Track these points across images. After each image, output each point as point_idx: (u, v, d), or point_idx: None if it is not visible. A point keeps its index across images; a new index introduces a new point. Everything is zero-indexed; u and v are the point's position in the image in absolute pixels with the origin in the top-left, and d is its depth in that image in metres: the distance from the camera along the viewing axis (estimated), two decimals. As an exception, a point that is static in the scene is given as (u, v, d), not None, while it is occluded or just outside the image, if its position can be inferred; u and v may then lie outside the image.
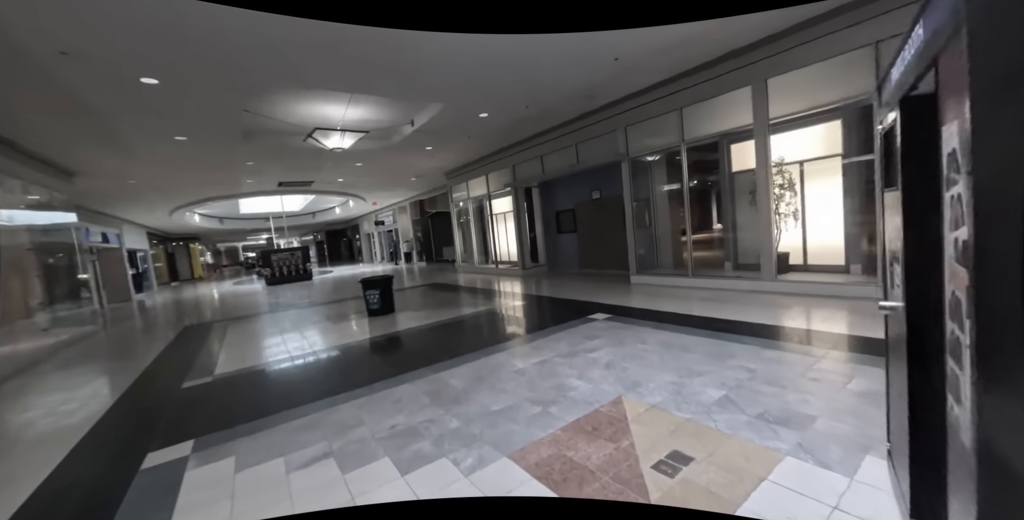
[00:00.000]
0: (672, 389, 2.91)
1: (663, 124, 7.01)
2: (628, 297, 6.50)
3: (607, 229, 9.79)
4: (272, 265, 16.74)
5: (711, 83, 6.17)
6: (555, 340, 4.41)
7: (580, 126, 8.47)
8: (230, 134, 7.10)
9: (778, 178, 6.02)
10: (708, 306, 5.35)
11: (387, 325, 6.17)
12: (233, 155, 8.54)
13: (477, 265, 13.54)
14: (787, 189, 6.08)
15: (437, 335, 5.28)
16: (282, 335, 6.16)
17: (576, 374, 3.37)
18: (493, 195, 12.07)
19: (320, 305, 9.16)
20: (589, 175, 9.72)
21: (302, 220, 27.13)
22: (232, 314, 9.06)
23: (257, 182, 12.14)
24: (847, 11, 4.77)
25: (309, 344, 5.40)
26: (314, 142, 7.22)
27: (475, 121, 7.73)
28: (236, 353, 5.34)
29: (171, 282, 25.30)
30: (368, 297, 6.93)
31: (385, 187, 16.10)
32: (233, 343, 6.00)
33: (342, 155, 9.51)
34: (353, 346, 5.11)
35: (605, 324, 4.90)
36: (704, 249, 7.82)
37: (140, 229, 19.93)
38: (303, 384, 3.89)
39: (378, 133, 8.22)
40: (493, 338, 4.86)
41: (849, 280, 5.50)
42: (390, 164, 11.33)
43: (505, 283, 9.97)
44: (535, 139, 9.68)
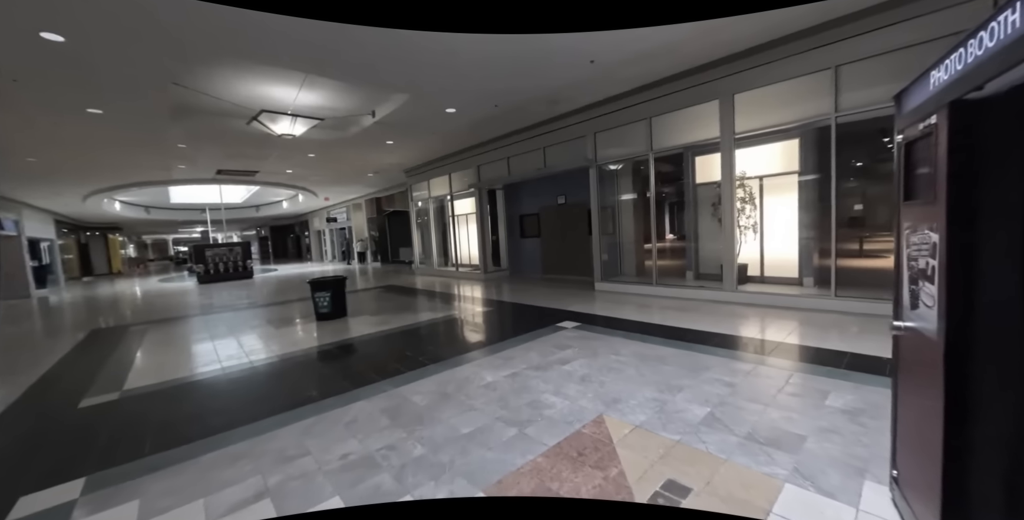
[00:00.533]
0: (655, 406, 2.74)
1: (632, 133, 7.03)
2: (594, 305, 6.40)
3: (571, 235, 9.74)
4: (206, 261, 15.20)
5: (681, 94, 6.25)
6: (525, 350, 4.16)
7: (549, 129, 8.35)
8: (157, 111, 6.23)
9: (739, 191, 6.19)
10: (675, 315, 5.35)
11: (338, 331, 5.62)
12: (161, 136, 7.55)
13: (436, 267, 13.05)
14: (747, 202, 6.27)
15: (396, 343, 4.85)
16: (213, 342, 5.43)
17: (551, 389, 3.13)
18: (456, 195, 11.68)
19: (261, 307, 8.31)
20: (555, 180, 9.63)
21: (244, 213, 25.13)
22: (154, 315, 7.98)
23: (191, 168, 10.93)
24: (811, 35, 4.97)
25: (246, 353, 4.77)
26: (260, 126, 6.52)
27: (441, 116, 7.36)
28: (153, 363, 4.59)
29: (83, 277, 22.37)
30: (317, 300, 6.32)
31: (340, 182, 15.18)
32: (151, 351, 5.20)
33: (292, 144, 8.75)
34: (298, 356, 4.56)
35: (575, 333, 4.72)
36: (666, 258, 7.95)
37: (45, 215, 17.42)
38: (235, 403, 3.35)
39: (334, 122, 7.61)
40: (458, 347, 4.52)
41: (803, 292, 5.73)
42: (346, 157, 10.62)
43: (466, 287, 9.61)
44: (502, 140, 9.45)
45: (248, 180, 13.50)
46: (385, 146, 9.52)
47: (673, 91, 6.31)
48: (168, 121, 6.61)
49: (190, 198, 20.41)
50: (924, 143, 1.44)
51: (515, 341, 4.53)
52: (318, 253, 27.71)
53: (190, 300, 10.21)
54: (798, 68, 5.16)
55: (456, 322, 5.90)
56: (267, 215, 26.73)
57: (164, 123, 6.70)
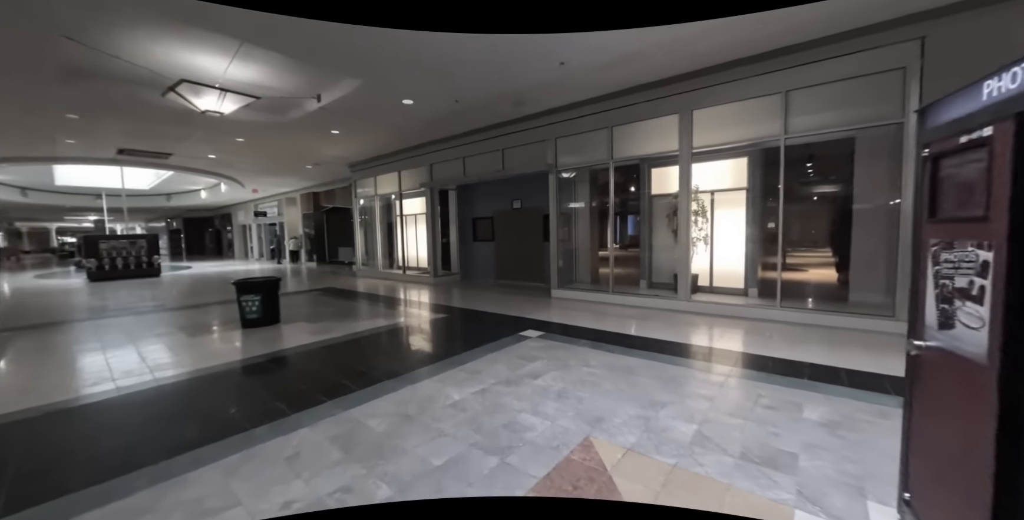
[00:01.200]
0: (640, 424, 2.58)
1: (593, 141, 7.04)
2: (554, 312, 6.25)
3: (526, 240, 9.59)
4: (100, 255, 12.97)
5: (644, 106, 6.35)
6: (491, 362, 3.85)
7: (510, 131, 8.15)
8: (40, 69, 5.08)
9: (693, 204, 6.41)
10: (634, 324, 5.34)
11: (270, 340, 4.90)
12: (44, 101, 6.21)
13: (381, 270, 12.26)
14: (699, 215, 6.51)
15: (341, 355, 4.30)
16: (105, 353, 4.46)
17: (528, 407, 2.86)
18: (405, 194, 11.06)
19: (171, 311, 7.13)
20: (511, 183, 9.45)
21: (151, 202, 22.16)
22: (26, 320, 6.51)
23: (84, 145, 9.23)
24: (765, 59, 5.26)
25: (149, 367, 3.94)
26: (178, 99, 5.57)
27: (397, 108, 6.85)
28: (19, 383, 3.63)
29: (-76, 270, 18.15)
30: (245, 304, 5.50)
31: (273, 172, 13.79)
32: (18, 366, 4.14)
33: (218, 125, 7.70)
34: (220, 372, 3.85)
35: (540, 343, 4.50)
36: (620, 266, 8.05)
37: None
38: (135, 436, 2.67)
39: (271, 103, 6.78)
40: (415, 360, 4.09)
41: (749, 302, 6.02)
42: (283, 145, 9.60)
43: (415, 292, 9.06)
44: (459, 138, 9.09)
45: (159, 163, 11.76)
46: (329, 136, 8.72)
47: (637, 102, 6.39)
48: (54, 83, 5.43)
49: (81, 181, 17.52)
50: (962, 157, 1.39)
51: (478, 352, 4.20)
52: (242, 250, 25.11)
53: (77, 301, 8.55)
54: (753, 90, 5.44)
55: (409, 330, 5.42)
56: (180, 205, 23.76)
57: (49, 86, 5.50)
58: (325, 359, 4.14)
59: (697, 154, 6.03)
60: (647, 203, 7.33)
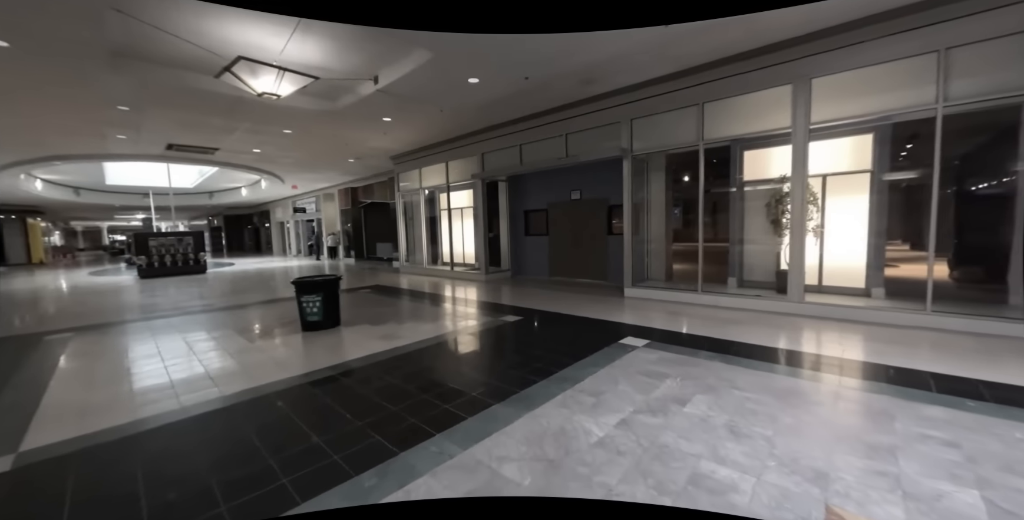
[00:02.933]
0: (890, 486, 1.84)
1: (678, 120, 6.21)
2: (639, 314, 5.50)
3: (586, 234, 8.85)
4: (150, 252, 13.07)
5: (744, 77, 5.47)
6: (609, 380, 3.17)
7: (575, 114, 7.39)
8: (89, 51, 4.70)
9: (801, 190, 5.51)
10: (751, 331, 4.53)
11: (337, 348, 4.39)
12: (95, 90, 5.91)
13: (425, 266, 11.78)
14: (811, 203, 5.60)
15: (424, 367, 3.71)
16: (164, 361, 4.04)
17: (704, 451, 2.16)
18: (452, 187, 10.50)
19: (223, 310, 6.80)
20: (569, 173, 8.72)
21: (194, 200, 22.58)
22: (82, 319, 6.30)
23: (134, 140, 9.08)
24: (911, 12, 4.31)
25: (214, 380, 3.47)
26: (233, 80, 5.11)
27: (460, 88, 6.22)
28: (75, 398, 3.21)
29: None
30: (305, 305, 5.03)
31: (314, 168, 13.54)
32: (73, 376, 3.75)
33: (267, 115, 7.31)
34: (295, 388, 3.32)
35: (652, 354, 3.78)
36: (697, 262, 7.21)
37: (-59, 192, 14.51)
38: (204, 477, 2.13)
39: (327, 86, 6.29)
40: (514, 375, 3.45)
41: (878, 304, 5.10)
42: (329, 136, 9.19)
43: (469, 290, 8.48)
44: (516, 124, 8.40)
45: (205, 159, 11.64)
46: (379, 124, 8.21)
47: (735, 73, 5.52)
48: (105, 68, 5.06)
49: (130, 180, 17.92)
50: None
51: (584, 365, 3.52)
52: (280, 246, 25.42)
53: (130, 299, 8.42)
54: (896, 49, 4.49)
55: (486, 336, 4.80)
56: (221, 203, 24.17)
57: (100, 70, 5.14)
58: (407, 372, 3.56)
59: (816, 130, 5.12)
60: (738, 190, 6.44)
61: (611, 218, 8.47)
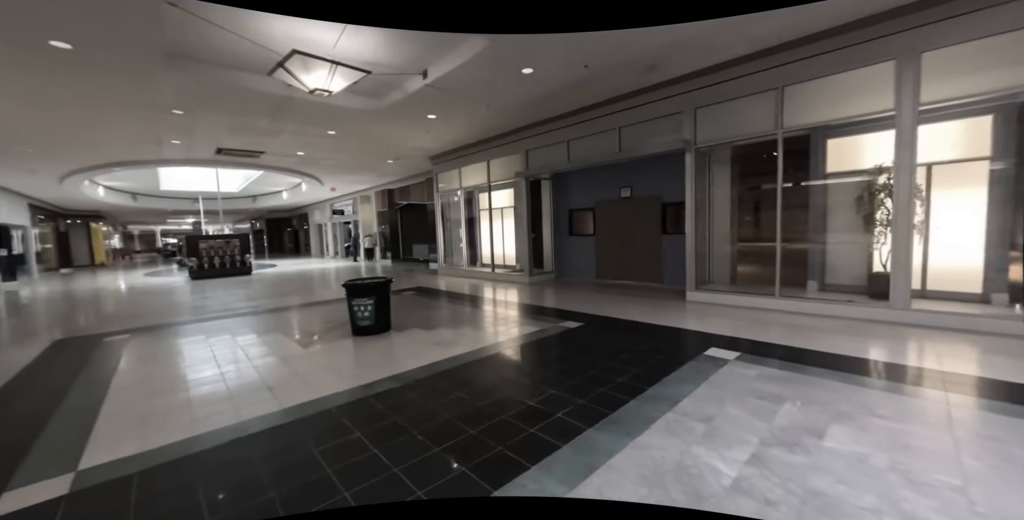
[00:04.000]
0: None
1: (751, 107, 5.63)
2: (719, 322, 4.98)
3: (637, 233, 8.34)
4: (200, 254, 13.52)
5: (834, 55, 4.86)
6: (713, 401, 2.72)
7: (630, 105, 6.92)
8: (145, 51, 4.67)
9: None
10: (858, 342, 3.94)
11: (393, 355, 4.13)
12: (151, 93, 5.96)
13: (465, 267, 11.55)
14: (915, 197, 4.90)
15: (494, 382, 3.38)
16: (220, 368, 3.90)
17: (879, 503, 1.69)
18: (493, 186, 10.21)
19: (272, 312, 6.76)
20: (618, 169, 8.24)
21: (239, 204, 23.40)
22: (139, 320, 6.40)
23: (187, 145, 9.31)
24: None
25: (272, 391, 3.26)
26: (286, 78, 4.98)
27: (512, 80, 5.88)
28: (134, 410, 3.06)
29: (61, 268, 20.46)
30: (357, 309, 4.82)
31: (352, 170, 13.61)
32: (131, 384, 3.65)
33: (313, 115, 7.24)
34: (355, 402, 3.06)
35: (752, 370, 3.29)
36: (769, 264, 6.58)
37: (18, 199, 15.60)
38: (280, 493, 1.85)
39: (375, 82, 6.11)
40: (597, 393, 3.05)
41: (1000, 312, 4.37)
42: (373, 136, 9.10)
43: (515, 292, 8.14)
44: (564, 119, 8.00)
45: (251, 163, 11.88)
46: (423, 122, 8.02)
47: (823, 51, 4.92)
48: (159, 68, 5.05)
49: (182, 185, 18.74)
50: None
51: (675, 382, 3.08)
52: (318, 248, 26.03)
53: (183, 300, 8.60)
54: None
55: (551, 344, 4.41)
56: (263, 206, 24.98)
57: (155, 71, 5.13)
58: (475, 386, 3.23)
59: (926, 113, 4.46)
60: (820, 183, 5.79)
61: (665, 216, 7.93)
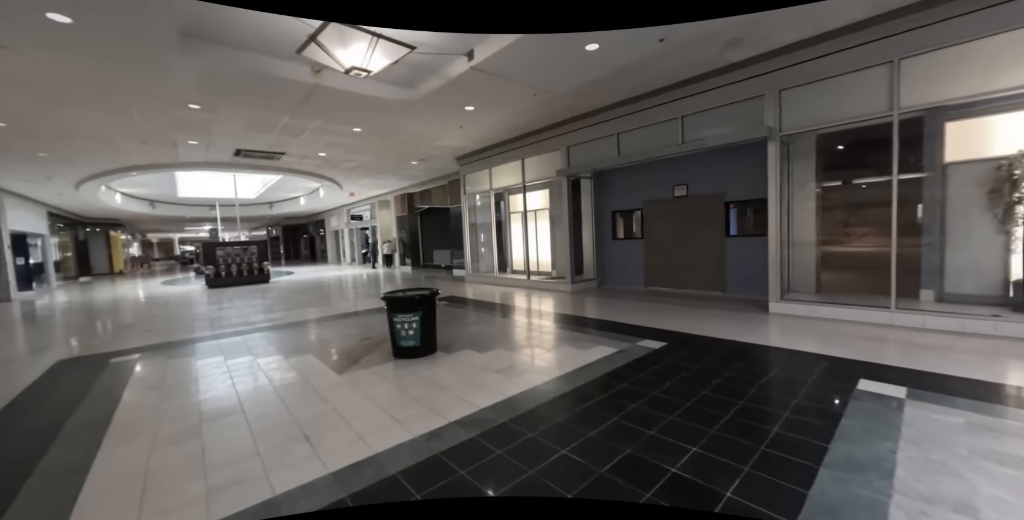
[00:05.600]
0: None
1: (855, 86, 4.79)
2: (838, 343, 4.10)
3: (696, 237, 7.48)
4: (217, 262, 13.03)
5: (981, 16, 4.00)
6: (942, 471, 1.88)
7: (695, 91, 6.11)
8: (157, 27, 4.03)
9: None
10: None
11: (451, 386, 3.36)
12: (165, 83, 5.35)
13: (495, 274, 10.79)
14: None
15: (596, 424, 2.58)
16: (243, 407, 3.17)
17: None
18: (529, 186, 9.46)
19: (296, 327, 6.06)
20: (673, 165, 7.42)
21: (256, 210, 23.09)
22: (151, 336, 5.75)
23: (204, 145, 8.76)
24: None
25: (312, 443, 2.51)
26: (318, 54, 4.29)
27: (571, 58, 5.12)
28: (132, 474, 2.33)
29: (80, 277, 20.29)
30: (399, 326, 4.07)
31: (374, 172, 13.02)
32: (134, 429, 2.94)
33: (338, 110, 6.59)
34: (426, 466, 2.29)
35: (946, 415, 2.43)
36: (858, 270, 5.68)
37: (36, 206, 15.36)
38: None
39: (409, 69, 5.43)
40: (752, 448, 2.23)
41: None
42: (400, 134, 8.44)
43: (559, 303, 7.33)
44: (614, 109, 7.23)
45: (271, 165, 11.35)
46: (459, 116, 7.32)
47: (963, 12, 4.07)
48: (174, 51, 4.42)
49: (199, 192, 18.42)
50: None
51: (855, 435, 2.24)
52: (335, 255, 25.58)
53: (199, 311, 7.98)
54: None
55: (644, 372, 3.57)
56: (280, 213, 24.66)
57: (169, 54, 4.50)
58: (578, 438, 2.43)
59: (1109, 80, 3.57)
60: (938, 175, 4.89)
61: (729, 217, 7.08)
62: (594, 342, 4.49)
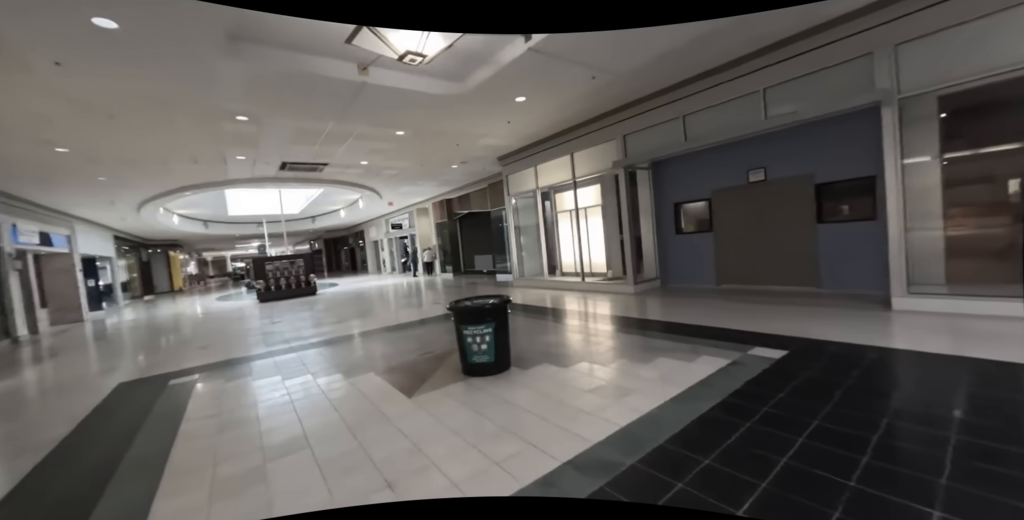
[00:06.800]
0: None
1: (1000, 28, 3.90)
2: (1012, 346, 3.24)
3: (779, 226, 6.61)
4: (266, 276, 13.23)
5: None
6: None
7: (782, 57, 5.33)
8: (203, 29, 3.80)
9: None
10: None
11: (544, 413, 2.81)
12: (214, 92, 5.20)
13: (545, 277, 10.22)
14: None
15: (751, 474, 1.95)
16: (308, 437, 2.76)
17: None
18: (579, 182, 8.86)
19: (349, 341, 5.75)
20: (746, 147, 6.62)
21: (300, 225, 23.75)
22: (210, 354, 5.59)
23: (251, 160, 8.78)
24: None
25: (399, 490, 2.02)
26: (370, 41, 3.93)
27: (638, 29, 4.52)
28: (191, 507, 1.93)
29: (144, 295, 21.51)
30: (470, 340, 3.58)
31: (413, 179, 12.84)
32: (191, 468, 2.58)
33: (382, 111, 6.28)
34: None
35: None
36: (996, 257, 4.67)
37: (103, 231, 16.33)
38: None
39: (457, 60, 5.01)
40: (980, 502, 1.54)
41: None
42: (443, 135, 8.10)
43: (625, 305, 6.65)
44: (679, 89, 6.53)
45: (314, 178, 11.37)
46: (509, 108, 6.86)
47: None
48: (222, 56, 4.19)
49: (247, 210, 19.07)
50: None
51: None
52: (375, 264, 25.89)
53: (253, 326, 7.90)
54: None
55: (781, 391, 2.88)
56: (321, 227, 25.29)
57: (215, 58, 4.29)
58: (743, 485, 1.81)
59: None
60: (1124, 130, 3.89)
61: (821, 201, 6.17)
62: (693, 352, 3.81)
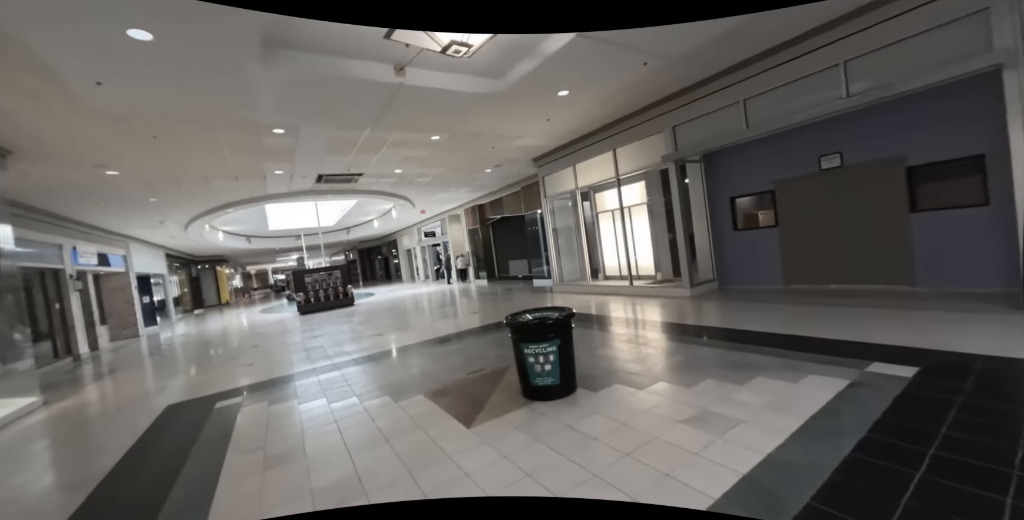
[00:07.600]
0: None
1: None
2: None
3: (861, 217, 5.84)
4: (306, 288, 13.37)
5: None
6: None
7: (868, 23, 4.65)
8: (239, 38, 3.61)
9: None
10: None
11: (630, 449, 2.34)
12: (248, 102, 5.07)
13: (588, 282, 9.70)
14: None
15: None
16: (366, 490, 2.41)
17: None
18: (623, 179, 8.32)
19: (393, 356, 5.46)
20: (814, 130, 5.92)
21: (335, 237, 24.21)
22: (254, 374, 5.45)
23: (288, 174, 8.79)
24: None
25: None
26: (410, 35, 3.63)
27: (701, 4, 4.02)
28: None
29: (195, 309, 22.51)
30: (533, 360, 3.15)
31: (446, 185, 12.64)
32: (240, 511, 2.28)
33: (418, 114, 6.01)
34: None
35: None
36: None
37: (155, 249, 17.12)
38: None
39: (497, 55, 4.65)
40: None
41: None
42: (478, 137, 7.79)
43: (683, 312, 6.05)
44: (739, 70, 5.89)
45: (349, 189, 11.37)
46: (549, 104, 6.45)
47: None
48: (258, 63, 4.01)
49: (286, 224, 19.59)
50: None
51: None
52: (408, 273, 26.06)
53: (296, 340, 7.82)
54: None
55: (929, 418, 2.30)
56: (356, 237, 25.72)
57: (252, 64, 4.11)
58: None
59: None
60: None
61: (913, 186, 5.39)
62: (793, 368, 3.23)
